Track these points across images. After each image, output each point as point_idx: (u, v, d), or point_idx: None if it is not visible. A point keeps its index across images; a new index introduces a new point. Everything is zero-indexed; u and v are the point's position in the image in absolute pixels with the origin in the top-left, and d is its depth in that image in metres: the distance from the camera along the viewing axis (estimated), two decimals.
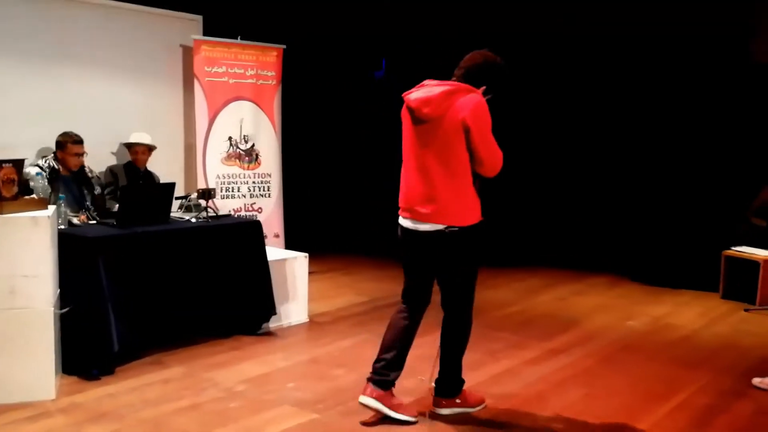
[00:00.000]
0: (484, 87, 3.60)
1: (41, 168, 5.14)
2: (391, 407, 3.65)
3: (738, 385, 4.35)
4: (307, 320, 5.59)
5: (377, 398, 3.64)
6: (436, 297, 3.82)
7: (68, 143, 5.27)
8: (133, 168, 5.86)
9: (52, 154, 5.31)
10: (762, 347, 5.15)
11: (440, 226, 3.52)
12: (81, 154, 5.34)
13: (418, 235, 3.60)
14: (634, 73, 7.65)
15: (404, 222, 3.67)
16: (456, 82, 3.57)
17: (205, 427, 3.61)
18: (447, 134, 3.47)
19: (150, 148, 5.94)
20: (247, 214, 6.77)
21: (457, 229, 3.52)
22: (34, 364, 3.83)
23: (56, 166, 5.24)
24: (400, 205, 3.70)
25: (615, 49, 7.76)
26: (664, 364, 4.73)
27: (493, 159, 3.54)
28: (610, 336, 5.37)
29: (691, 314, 6.06)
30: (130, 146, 5.91)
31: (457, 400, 3.83)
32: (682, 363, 4.76)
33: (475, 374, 4.38)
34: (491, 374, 4.45)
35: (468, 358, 4.37)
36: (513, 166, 9.24)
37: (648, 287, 7.02)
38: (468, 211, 3.57)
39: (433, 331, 3.86)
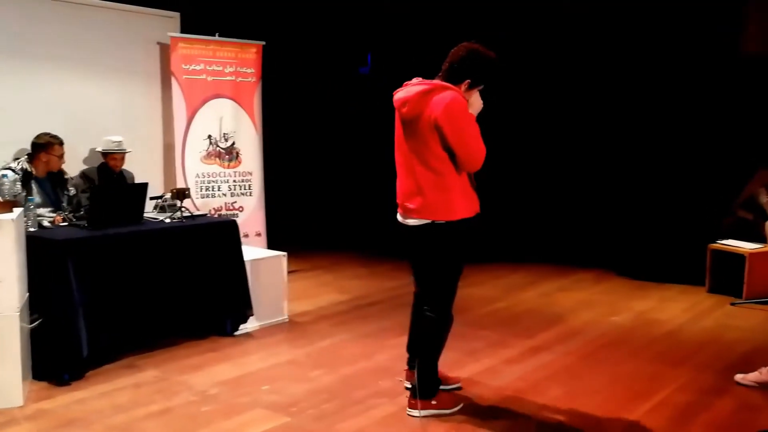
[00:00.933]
0: (468, 81, 3.58)
1: (14, 170, 5.04)
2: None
3: (720, 381, 4.29)
4: (287, 320, 5.52)
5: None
6: None
7: (55, 144, 5.19)
8: (107, 170, 5.75)
9: (26, 156, 5.22)
10: (746, 342, 5.09)
11: (425, 221, 3.59)
12: (62, 155, 5.28)
13: (407, 230, 3.69)
14: (620, 66, 7.58)
15: (398, 217, 3.78)
16: (434, 81, 3.58)
17: None
18: (423, 133, 3.53)
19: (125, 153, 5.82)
20: (228, 213, 6.68)
21: (441, 223, 3.56)
22: (2, 371, 3.75)
23: (29, 168, 5.14)
24: (396, 201, 3.79)
25: (602, 40, 7.69)
26: (647, 361, 4.66)
27: (469, 155, 3.54)
28: (593, 332, 5.31)
29: (677, 309, 6.00)
30: (105, 154, 5.76)
31: (433, 402, 3.76)
32: (665, 359, 4.70)
33: (454, 374, 4.32)
34: (470, 374, 4.37)
35: (447, 358, 4.32)
36: (497, 161, 9.20)
37: (634, 282, 6.95)
38: (452, 207, 3.58)
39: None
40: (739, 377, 4.26)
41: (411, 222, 3.64)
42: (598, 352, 4.86)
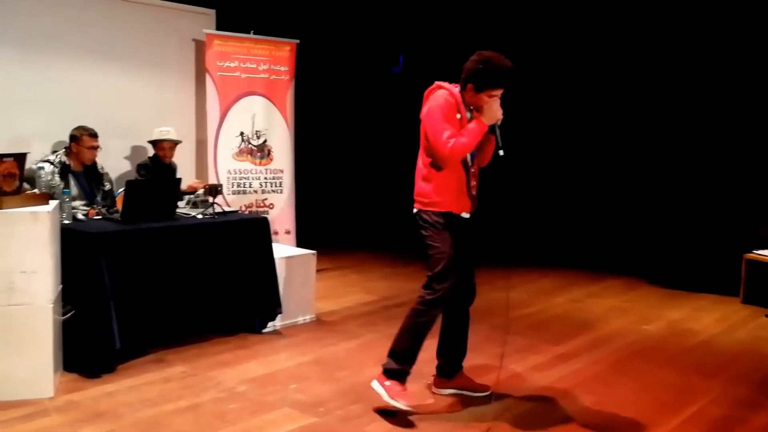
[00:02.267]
0: (470, 85, 3.68)
1: (52, 163, 5.09)
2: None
3: (755, 395, 4.20)
4: (315, 319, 5.52)
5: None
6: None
7: (84, 136, 5.19)
8: (158, 162, 5.84)
9: (64, 149, 5.27)
10: None
11: (416, 210, 3.84)
12: (96, 148, 5.27)
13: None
14: (654, 73, 7.47)
15: None
16: (444, 83, 3.80)
17: (202, 429, 3.54)
18: (421, 128, 3.80)
19: (176, 143, 5.91)
20: (259, 210, 6.71)
21: (423, 212, 3.76)
22: (33, 362, 3.79)
23: (67, 161, 5.18)
24: None
25: (628, 46, 7.58)
26: (679, 372, 4.58)
27: (435, 151, 3.66)
28: (624, 340, 5.23)
29: (710, 319, 5.90)
30: (155, 143, 5.86)
31: (387, 383, 3.75)
32: (698, 370, 4.61)
33: (480, 379, 4.27)
34: (498, 379, 4.33)
35: (474, 362, 4.31)
36: (528, 165, 9.16)
37: (666, 290, 6.85)
38: (431, 198, 3.74)
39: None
40: None
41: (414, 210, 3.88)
42: (629, 360, 4.79)
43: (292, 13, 7.90)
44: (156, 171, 5.83)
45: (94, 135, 5.23)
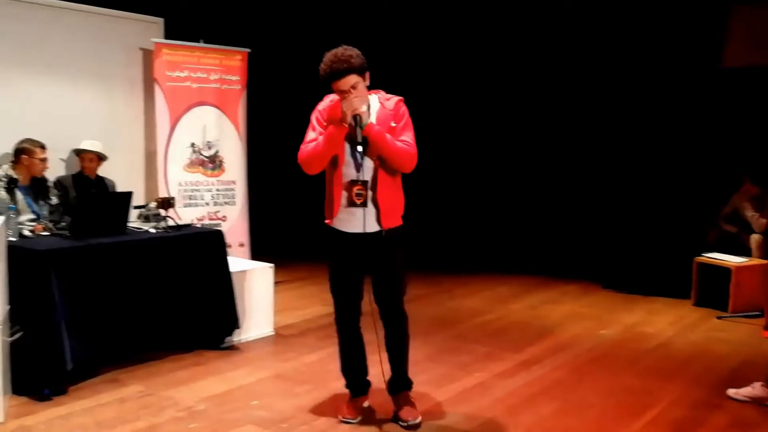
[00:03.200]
0: None
1: None
2: None
3: (712, 396, 4.26)
4: (273, 333, 5.41)
5: None
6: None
7: (36, 148, 5.07)
8: (82, 177, 5.63)
9: (10, 162, 5.08)
10: (735, 356, 5.09)
11: None
12: (46, 160, 5.15)
13: None
14: (605, 79, 7.60)
15: None
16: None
17: None
18: None
19: (100, 157, 5.71)
20: (211, 222, 6.57)
21: None
22: None
23: (14, 175, 5.00)
24: None
25: (588, 53, 7.71)
26: (638, 375, 4.63)
27: None
28: (583, 346, 5.28)
29: (664, 322, 6.00)
30: (78, 153, 5.68)
31: None
32: (656, 374, 4.67)
33: (445, 389, 4.26)
34: (461, 389, 4.31)
35: (437, 372, 4.30)
36: (481, 171, 9.21)
37: (620, 295, 6.95)
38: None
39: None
40: (731, 392, 4.24)
41: None
42: (589, 365, 4.82)
43: (243, 22, 7.79)
44: (79, 187, 5.55)
45: (43, 147, 5.12)
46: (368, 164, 3.48)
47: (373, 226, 3.50)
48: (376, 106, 3.56)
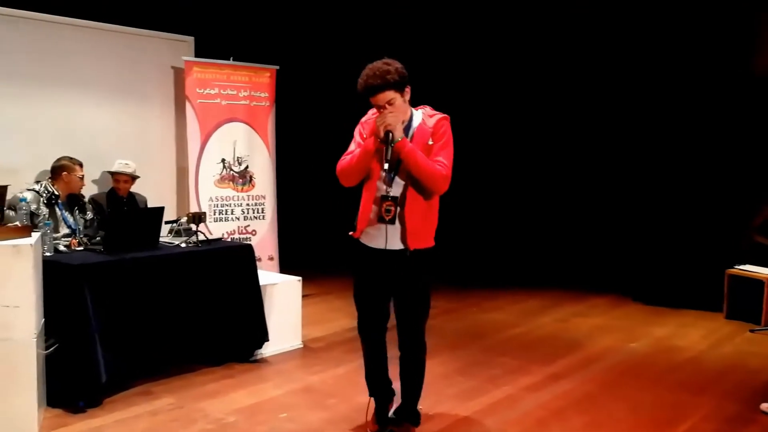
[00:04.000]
0: None
1: (38, 192, 5.03)
2: None
3: (745, 410, 4.20)
4: (301, 346, 5.46)
5: None
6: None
7: (76, 165, 5.22)
8: (115, 196, 5.74)
9: (48, 179, 5.21)
10: None
11: None
12: (83, 177, 5.32)
13: None
14: (635, 89, 7.54)
15: None
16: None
17: None
18: None
19: (133, 177, 5.81)
20: (241, 237, 6.65)
21: None
22: (16, 398, 3.68)
23: (54, 191, 5.13)
24: None
25: (619, 61, 7.66)
26: (669, 389, 4.58)
27: None
28: (613, 359, 5.23)
29: (695, 335, 5.92)
30: (112, 174, 5.78)
31: None
32: (687, 387, 4.62)
33: (474, 402, 4.26)
34: (490, 402, 4.31)
35: (466, 385, 4.29)
36: (510, 185, 9.19)
37: (650, 307, 6.89)
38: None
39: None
40: (765, 406, 4.18)
41: None
42: (619, 379, 4.78)
43: (271, 39, 7.91)
44: (112, 205, 5.64)
45: (81, 164, 5.27)
46: (399, 181, 3.43)
47: (396, 244, 3.43)
48: (418, 121, 3.49)
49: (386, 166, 3.33)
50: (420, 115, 3.52)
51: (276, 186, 7.02)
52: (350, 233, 3.57)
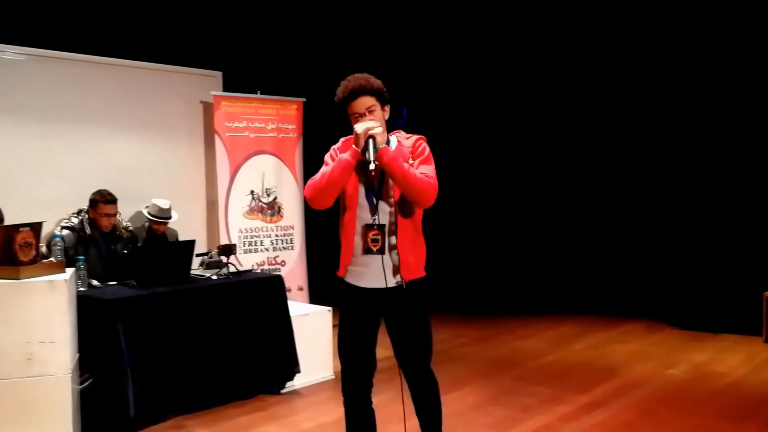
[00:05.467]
0: None
1: (72, 229, 5.07)
2: None
3: None
4: (333, 377, 5.43)
5: None
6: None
7: (99, 203, 5.14)
8: (153, 233, 5.75)
9: (85, 214, 5.24)
10: None
11: None
12: (113, 215, 5.21)
13: None
14: (664, 105, 7.41)
15: None
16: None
17: None
18: None
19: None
20: (271, 267, 6.68)
21: None
22: None
23: (86, 226, 5.16)
24: None
25: (639, 72, 7.59)
26: (710, 417, 4.46)
27: None
28: (650, 386, 5.12)
29: (735, 360, 5.78)
30: (150, 219, 5.71)
31: None
32: (729, 415, 4.49)
33: None
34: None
35: (499, 415, 4.21)
36: (540, 211, 9.10)
37: (686, 332, 6.75)
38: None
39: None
40: None
41: None
42: (658, 407, 4.67)
43: (298, 72, 7.99)
44: (147, 240, 5.61)
45: (110, 201, 5.19)
46: (384, 208, 3.10)
47: (389, 280, 3.08)
48: (394, 145, 3.20)
49: (372, 166, 2.94)
50: (395, 139, 3.25)
51: (304, 216, 7.05)
52: (337, 273, 3.24)
